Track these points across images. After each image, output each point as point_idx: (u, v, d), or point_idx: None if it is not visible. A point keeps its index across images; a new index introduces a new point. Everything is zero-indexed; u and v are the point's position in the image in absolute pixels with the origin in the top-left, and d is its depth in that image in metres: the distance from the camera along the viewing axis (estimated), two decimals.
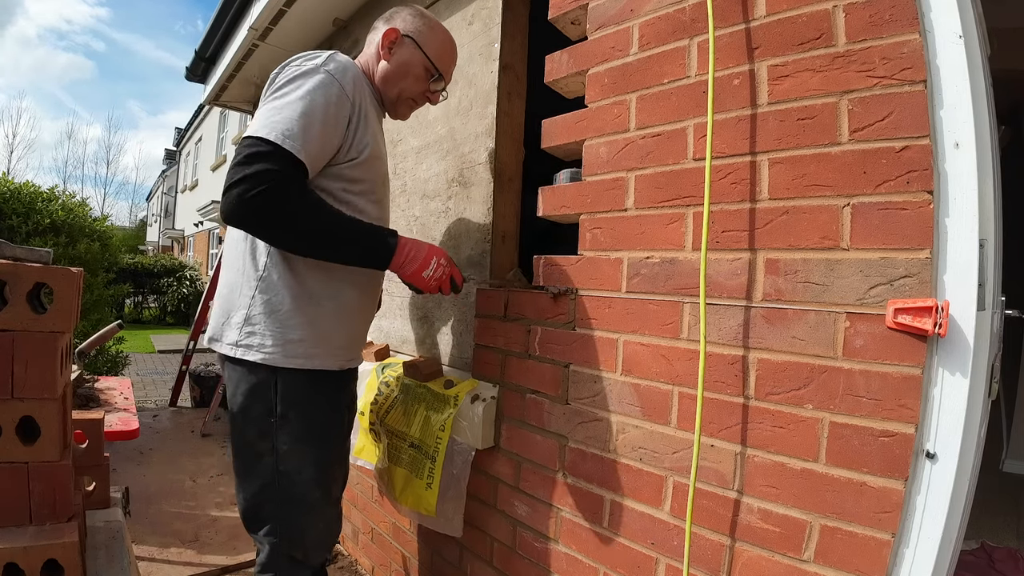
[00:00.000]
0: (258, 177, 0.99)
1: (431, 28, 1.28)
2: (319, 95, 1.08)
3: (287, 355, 1.14)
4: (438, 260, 1.17)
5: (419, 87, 1.29)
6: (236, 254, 1.20)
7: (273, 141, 1.01)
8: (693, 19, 1.06)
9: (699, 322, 1.00)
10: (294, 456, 1.17)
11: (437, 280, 1.18)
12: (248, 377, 1.16)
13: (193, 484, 2.72)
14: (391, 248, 1.13)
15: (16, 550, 0.84)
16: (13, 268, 0.87)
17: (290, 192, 1.02)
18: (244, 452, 1.21)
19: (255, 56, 2.97)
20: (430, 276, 1.16)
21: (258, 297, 1.15)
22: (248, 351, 1.14)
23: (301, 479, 1.18)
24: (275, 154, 1.01)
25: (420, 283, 1.18)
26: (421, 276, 1.16)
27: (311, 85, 1.08)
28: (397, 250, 1.13)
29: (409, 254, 1.14)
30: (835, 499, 0.84)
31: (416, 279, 1.17)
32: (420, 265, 1.15)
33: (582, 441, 1.20)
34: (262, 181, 0.99)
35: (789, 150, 0.92)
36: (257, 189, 0.99)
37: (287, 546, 1.20)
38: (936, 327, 0.76)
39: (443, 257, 1.18)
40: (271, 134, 1.02)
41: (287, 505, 1.19)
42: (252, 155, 1.01)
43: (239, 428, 1.20)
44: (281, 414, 1.16)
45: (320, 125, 1.07)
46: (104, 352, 4.13)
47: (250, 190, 0.99)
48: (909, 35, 0.81)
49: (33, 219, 3.64)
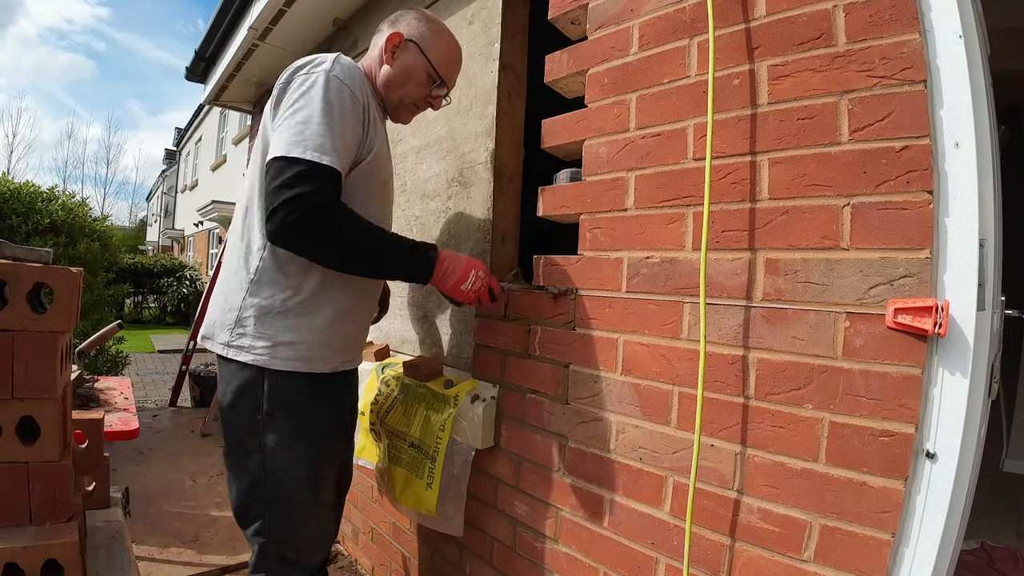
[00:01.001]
0: (300, 200, 1.01)
1: (436, 33, 1.27)
2: (336, 102, 1.09)
3: (276, 357, 1.14)
4: (476, 273, 1.20)
5: (421, 92, 1.29)
6: (232, 255, 1.20)
7: (309, 160, 1.03)
8: (693, 19, 1.06)
9: (699, 322, 1.00)
10: (281, 454, 1.17)
11: (476, 292, 1.21)
12: (238, 374, 1.16)
13: (193, 484, 2.72)
14: (431, 263, 1.16)
15: (16, 550, 0.84)
16: (13, 268, 0.87)
17: (331, 212, 1.05)
18: (234, 449, 1.21)
19: (255, 56, 2.97)
20: (469, 289, 1.19)
21: (249, 299, 1.15)
22: (239, 352, 1.15)
23: (288, 478, 1.17)
24: (312, 172, 1.03)
25: (459, 296, 1.21)
26: (460, 289, 1.19)
27: (327, 93, 1.09)
28: (436, 264, 1.16)
29: (448, 268, 1.17)
30: (835, 499, 0.84)
31: (455, 292, 1.20)
32: (459, 279, 1.18)
33: (582, 441, 1.20)
34: (304, 203, 1.02)
35: (789, 150, 0.92)
36: (299, 212, 1.01)
37: (277, 546, 1.20)
38: (936, 327, 0.76)
39: (481, 269, 1.21)
40: (305, 152, 1.03)
41: (274, 504, 1.18)
42: (293, 177, 1.02)
43: (229, 424, 1.21)
44: (268, 412, 1.15)
45: (342, 132, 1.09)
46: (104, 352, 4.13)
47: (293, 213, 1.01)
48: (909, 35, 0.81)
49: (33, 219, 3.63)
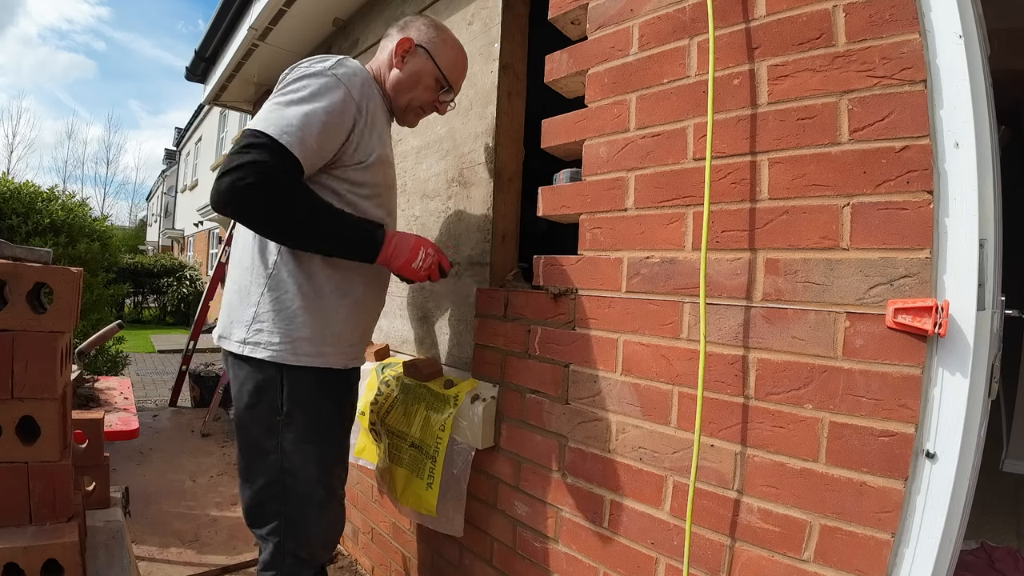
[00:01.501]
0: (251, 167, 1.00)
1: (444, 40, 1.31)
2: (323, 97, 1.09)
3: (295, 352, 1.15)
4: (426, 250, 1.20)
5: (429, 97, 1.31)
6: (245, 252, 1.20)
7: (270, 135, 1.03)
8: (693, 19, 1.06)
9: (699, 322, 1.00)
10: (299, 454, 1.18)
11: (427, 270, 1.21)
12: (255, 375, 1.16)
13: (193, 484, 2.72)
14: (379, 241, 1.15)
15: (16, 550, 0.84)
16: (13, 268, 0.87)
17: (280, 183, 1.03)
18: (249, 450, 1.21)
19: (255, 56, 2.97)
20: (420, 266, 1.19)
21: (267, 295, 1.16)
22: (256, 348, 1.15)
23: (306, 477, 1.19)
24: (270, 147, 1.03)
25: (410, 273, 1.21)
26: (411, 267, 1.19)
27: (317, 87, 1.09)
28: (384, 243, 1.15)
29: (397, 246, 1.17)
30: (835, 499, 0.84)
31: (406, 270, 1.20)
32: (409, 256, 1.18)
33: (582, 441, 1.20)
34: (254, 171, 1.00)
35: (789, 150, 0.92)
36: (249, 179, 1.00)
37: (292, 545, 1.20)
38: (936, 327, 0.76)
39: (430, 247, 1.22)
40: (269, 128, 1.04)
41: (292, 503, 1.19)
42: (248, 145, 1.02)
43: (245, 426, 1.21)
44: (287, 412, 1.16)
45: (320, 125, 1.08)
46: (104, 352, 4.13)
47: (242, 179, 1.00)
48: (909, 35, 0.81)
49: (33, 219, 3.63)
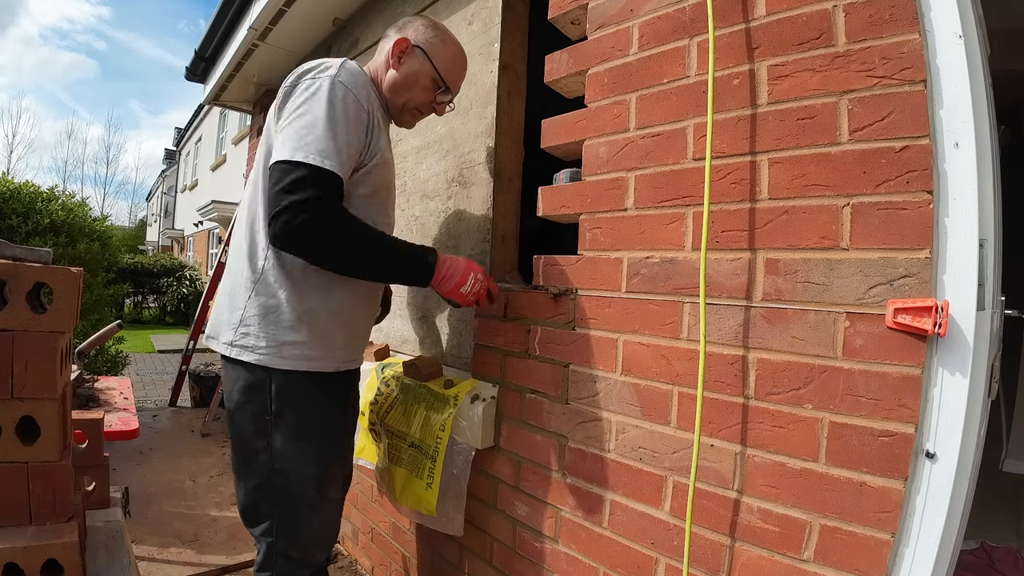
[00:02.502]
0: (302, 205, 1.03)
1: (442, 40, 1.29)
2: (340, 108, 1.10)
3: (281, 356, 1.15)
4: (475, 276, 1.22)
5: (426, 97, 1.30)
6: (237, 256, 1.21)
7: (311, 164, 1.04)
8: (693, 19, 1.06)
9: (699, 322, 1.00)
10: (289, 454, 1.17)
11: (475, 295, 1.23)
12: (244, 375, 1.17)
13: (193, 484, 2.72)
14: (431, 267, 1.17)
15: (16, 550, 0.84)
16: (13, 268, 0.87)
17: (333, 217, 1.06)
18: (241, 449, 1.21)
19: (255, 56, 2.97)
20: (468, 291, 1.21)
21: (254, 299, 1.16)
22: (243, 351, 1.15)
23: (296, 477, 1.18)
24: (315, 177, 1.04)
25: (459, 298, 1.22)
26: (460, 292, 1.21)
27: (331, 98, 1.10)
28: (436, 268, 1.17)
29: (447, 272, 1.19)
30: (835, 499, 0.84)
31: (455, 295, 1.21)
32: (458, 282, 1.20)
33: (582, 441, 1.20)
34: (305, 208, 1.03)
35: (789, 150, 0.92)
36: (301, 217, 1.03)
37: (284, 544, 1.20)
38: (936, 327, 0.76)
39: (480, 272, 1.23)
40: (308, 157, 1.05)
41: (283, 503, 1.19)
42: (295, 181, 1.03)
43: (236, 425, 1.21)
44: (276, 412, 1.16)
45: (347, 137, 1.10)
46: (104, 352, 4.13)
47: (295, 218, 1.03)
48: (909, 35, 0.81)
49: (33, 219, 3.63)
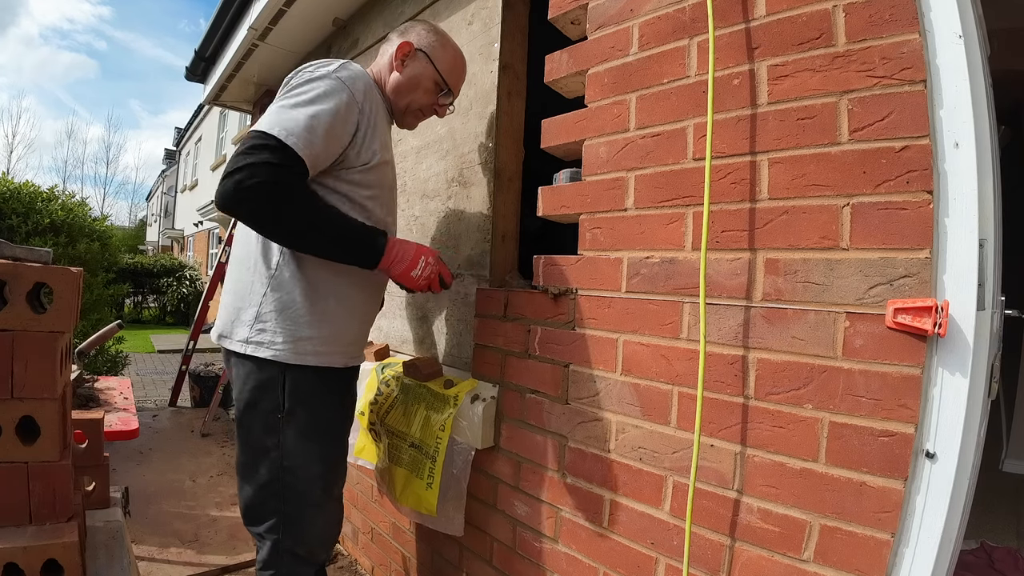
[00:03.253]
0: (257, 167, 1.01)
1: (444, 44, 1.32)
2: (328, 100, 1.10)
3: (298, 352, 1.16)
4: (426, 259, 1.20)
5: (428, 100, 1.33)
6: (248, 252, 1.21)
7: (277, 136, 1.04)
8: (693, 19, 1.06)
9: (699, 322, 1.00)
10: (299, 452, 1.18)
11: (426, 279, 1.21)
12: (256, 373, 1.17)
13: (193, 484, 2.72)
14: (380, 248, 1.15)
15: (16, 550, 0.84)
16: (13, 268, 0.87)
17: (285, 186, 1.04)
18: (250, 448, 1.22)
19: (255, 56, 2.97)
20: (419, 275, 1.19)
21: (270, 295, 1.16)
22: (259, 348, 1.16)
23: (305, 475, 1.19)
24: (277, 148, 1.03)
25: (409, 282, 1.20)
26: (410, 276, 1.19)
27: (322, 89, 1.10)
28: (386, 250, 1.15)
29: (398, 255, 1.17)
30: (835, 499, 0.84)
31: (405, 278, 1.19)
32: (408, 265, 1.18)
33: (582, 441, 1.20)
34: (260, 172, 1.01)
35: (789, 150, 0.92)
36: (254, 180, 1.01)
37: (289, 542, 1.21)
38: (936, 327, 0.76)
39: (431, 256, 1.21)
40: (274, 129, 1.04)
41: (291, 501, 1.20)
42: (254, 147, 1.03)
43: (245, 424, 1.21)
44: (288, 410, 1.17)
45: (325, 128, 1.09)
46: (104, 352, 4.13)
47: (249, 178, 1.01)
48: (909, 35, 0.81)
49: (33, 219, 3.63)
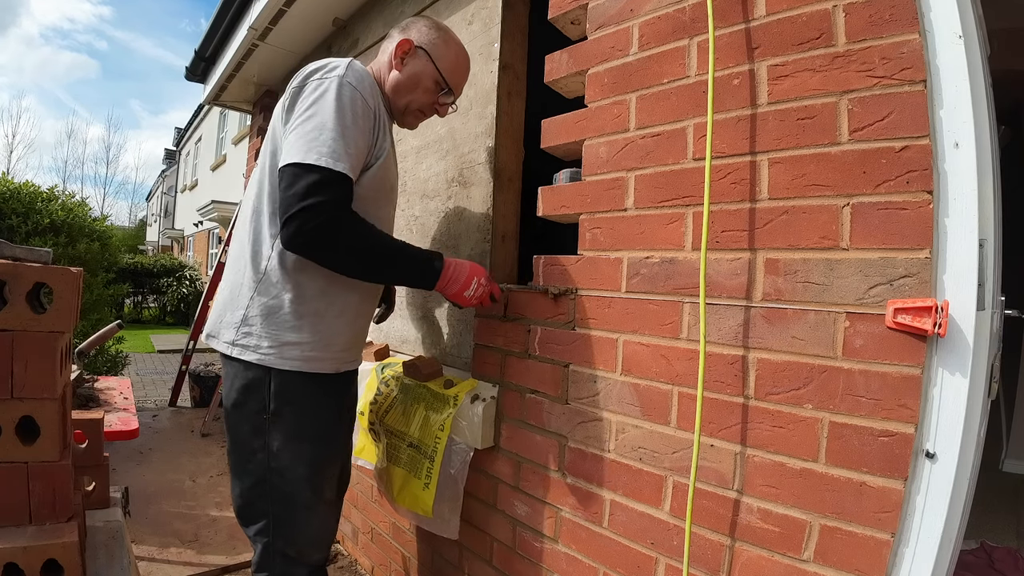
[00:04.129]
0: (316, 209, 1.03)
1: (445, 42, 1.30)
2: (349, 109, 1.10)
3: (282, 357, 1.15)
4: (478, 280, 1.24)
5: (428, 99, 1.30)
6: (240, 254, 1.21)
7: (324, 167, 1.05)
8: (693, 19, 1.06)
9: (699, 322, 1.00)
10: (286, 454, 1.18)
11: (478, 299, 1.25)
12: (243, 373, 1.17)
13: (193, 484, 2.72)
14: (437, 271, 1.19)
15: (16, 550, 0.84)
16: (13, 268, 0.87)
17: (345, 222, 1.07)
18: (238, 448, 1.22)
19: (255, 56, 2.97)
20: (471, 295, 1.23)
21: (256, 298, 1.16)
22: (244, 351, 1.15)
23: (292, 477, 1.18)
24: (327, 181, 1.05)
25: (462, 301, 1.25)
26: (463, 296, 1.23)
27: (339, 99, 1.10)
28: (442, 273, 1.19)
29: (452, 276, 1.21)
30: (835, 499, 0.84)
31: (458, 298, 1.24)
32: (462, 286, 1.22)
33: (582, 441, 1.20)
34: (319, 213, 1.04)
35: (789, 150, 0.92)
36: (315, 222, 1.04)
37: (280, 544, 1.20)
38: (936, 327, 0.76)
39: (483, 276, 1.25)
40: (320, 159, 1.05)
41: (278, 503, 1.19)
42: (309, 186, 1.04)
43: (233, 424, 1.21)
44: (274, 411, 1.16)
45: (355, 138, 1.10)
46: (104, 352, 4.13)
47: (308, 223, 1.03)
48: (909, 35, 0.81)
49: (33, 219, 3.63)
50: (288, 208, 1.04)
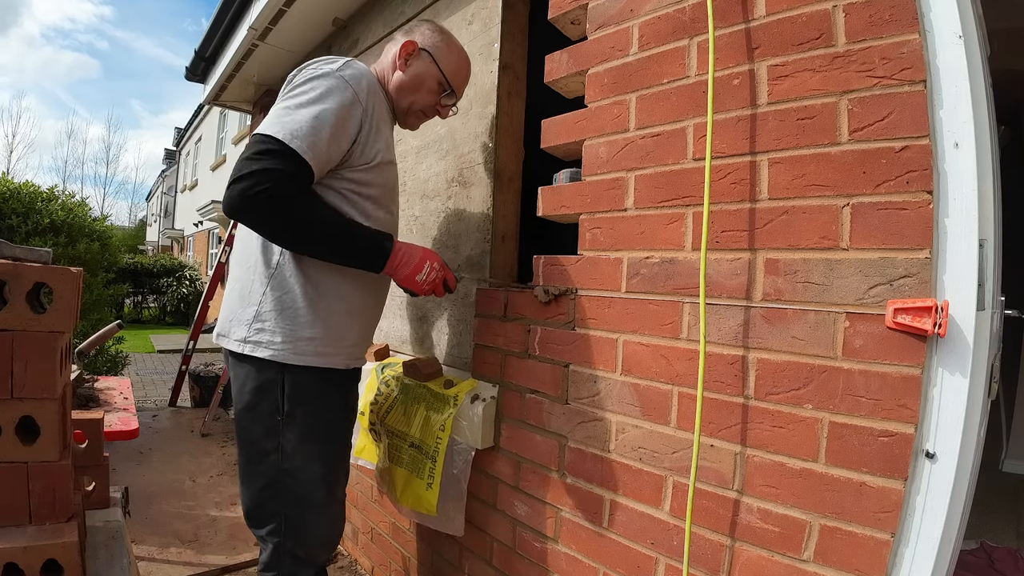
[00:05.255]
0: (263, 174, 1.01)
1: (448, 45, 1.31)
2: (332, 99, 1.09)
3: (297, 352, 1.15)
4: (431, 264, 1.20)
5: (431, 100, 1.32)
6: (249, 251, 1.20)
7: (282, 140, 1.03)
8: (693, 19, 1.06)
9: (699, 322, 1.00)
10: (299, 454, 1.18)
11: (430, 284, 1.21)
12: (255, 375, 1.16)
13: (193, 484, 2.72)
14: (386, 252, 1.15)
15: (16, 550, 0.84)
16: (13, 268, 0.87)
17: (292, 191, 1.04)
18: (249, 450, 1.21)
19: (255, 56, 2.97)
20: (423, 280, 1.20)
21: (269, 294, 1.15)
22: (257, 347, 1.15)
23: (306, 477, 1.19)
24: (282, 153, 1.03)
25: (414, 286, 1.21)
26: (415, 280, 1.19)
27: (325, 89, 1.10)
28: (391, 254, 1.16)
29: (403, 259, 1.17)
30: (835, 499, 0.84)
31: (410, 282, 1.20)
32: (413, 269, 1.18)
33: (582, 441, 1.20)
34: (266, 179, 1.01)
35: (789, 150, 0.92)
36: (261, 186, 1.00)
37: (292, 544, 1.20)
38: (936, 327, 0.76)
39: (436, 261, 1.21)
40: (280, 133, 1.04)
41: (291, 504, 1.19)
42: (260, 152, 1.02)
43: (245, 426, 1.20)
44: (288, 412, 1.16)
45: (330, 129, 1.08)
46: (104, 352, 4.13)
47: (254, 186, 1.00)
48: (909, 35, 0.81)
49: (33, 219, 3.63)
50: (239, 171, 1.01)
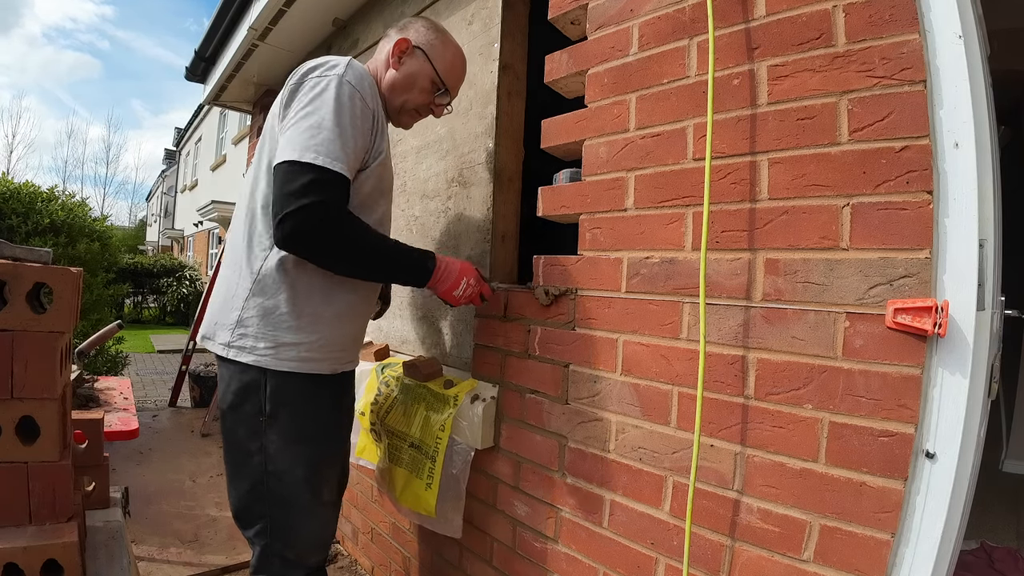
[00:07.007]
0: (311, 209, 1.03)
1: (443, 43, 1.30)
2: (348, 108, 1.10)
3: (279, 358, 1.14)
4: (467, 280, 1.26)
5: (424, 99, 1.30)
6: (235, 255, 1.20)
7: (321, 166, 1.04)
8: (693, 19, 1.06)
9: (699, 322, 1.00)
10: (283, 456, 1.17)
11: (467, 298, 1.28)
12: (239, 376, 1.16)
13: (193, 484, 2.72)
14: (429, 271, 1.21)
15: (16, 550, 0.84)
16: (13, 268, 0.87)
17: (340, 223, 1.07)
18: (234, 451, 1.21)
19: (255, 56, 2.97)
20: (460, 295, 1.26)
21: (252, 299, 1.15)
22: (240, 352, 1.14)
23: (290, 479, 1.18)
24: (324, 180, 1.04)
25: (451, 300, 1.27)
26: (452, 295, 1.25)
27: (338, 98, 1.09)
28: (434, 272, 1.21)
29: (442, 275, 1.23)
30: (835, 499, 0.84)
31: (447, 296, 1.27)
32: (451, 285, 1.24)
33: (582, 441, 1.20)
34: (315, 213, 1.03)
35: (789, 150, 0.92)
36: (310, 222, 1.03)
37: (279, 546, 1.20)
38: (936, 327, 0.76)
39: (472, 277, 1.27)
40: (317, 158, 1.04)
41: (276, 505, 1.18)
42: (305, 185, 1.03)
43: (230, 427, 1.20)
44: (270, 413, 1.15)
45: (353, 138, 1.10)
46: (104, 352, 4.13)
47: (304, 223, 1.03)
48: (909, 35, 0.81)
49: (33, 219, 3.63)
50: (283, 207, 1.02)
